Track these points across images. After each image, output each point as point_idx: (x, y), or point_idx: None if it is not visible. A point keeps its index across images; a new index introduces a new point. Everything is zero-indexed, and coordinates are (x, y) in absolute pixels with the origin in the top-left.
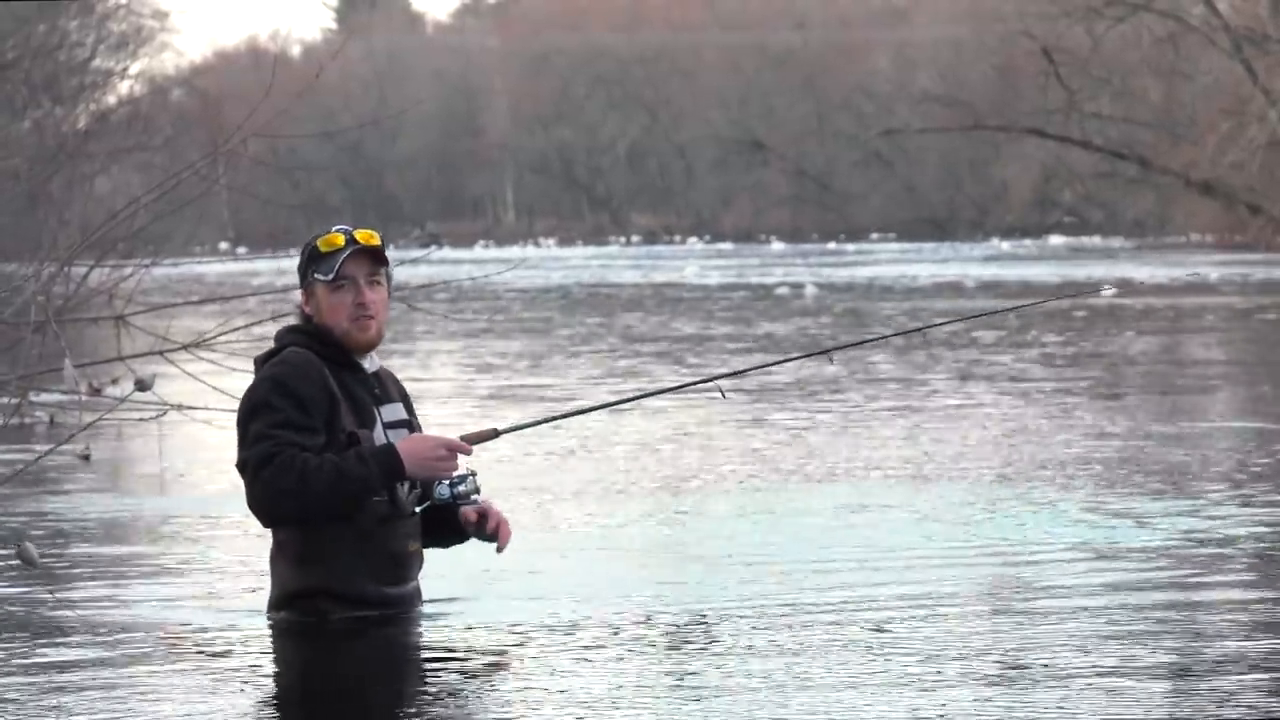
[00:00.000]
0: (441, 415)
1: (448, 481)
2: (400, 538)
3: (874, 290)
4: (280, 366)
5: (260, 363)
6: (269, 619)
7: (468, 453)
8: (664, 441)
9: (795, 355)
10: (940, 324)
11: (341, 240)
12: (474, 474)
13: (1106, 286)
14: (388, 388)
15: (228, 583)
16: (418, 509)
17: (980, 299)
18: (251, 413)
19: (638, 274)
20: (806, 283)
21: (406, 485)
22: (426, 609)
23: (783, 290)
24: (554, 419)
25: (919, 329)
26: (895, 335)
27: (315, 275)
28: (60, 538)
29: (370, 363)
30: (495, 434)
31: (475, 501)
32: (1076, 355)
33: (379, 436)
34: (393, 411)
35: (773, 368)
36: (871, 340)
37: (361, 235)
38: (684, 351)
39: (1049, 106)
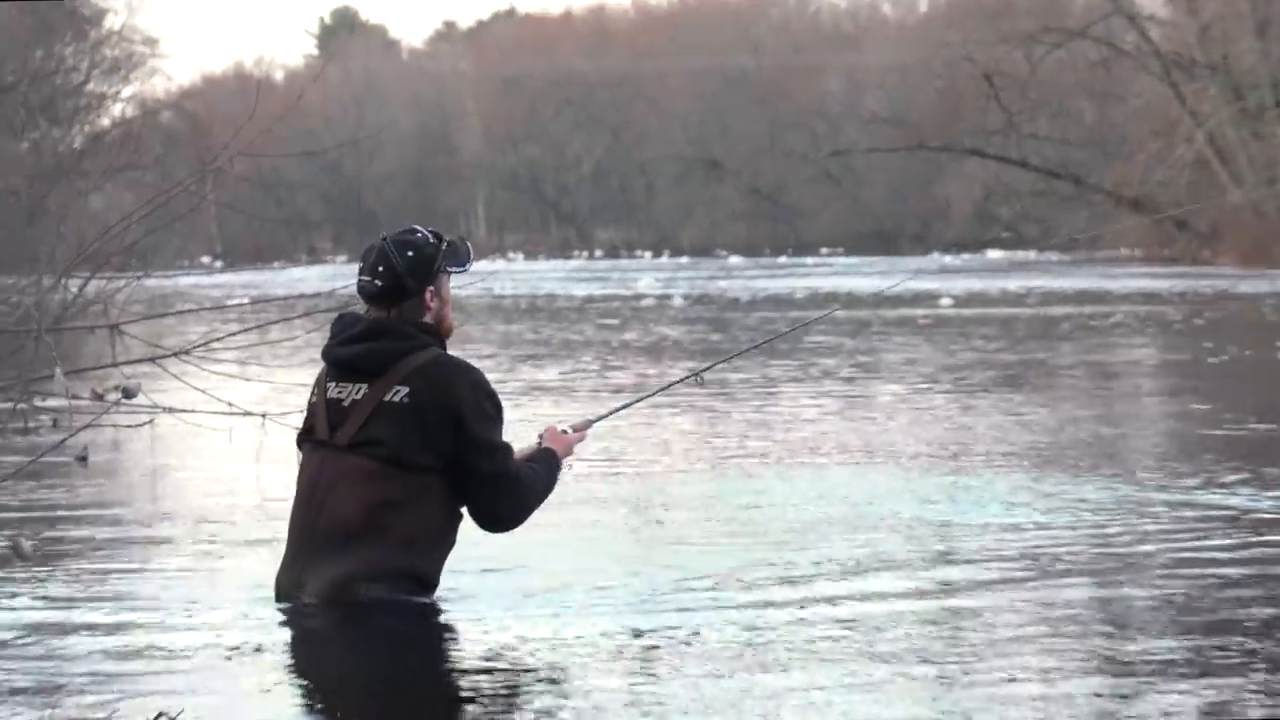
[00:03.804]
0: None
1: None
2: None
3: (739, 303)
4: (482, 374)
5: (389, 357)
6: (330, 590)
7: (584, 439)
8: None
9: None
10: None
11: (459, 241)
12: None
13: (836, 307)
14: None
15: (222, 570)
16: None
17: (846, 309)
18: (490, 420)
19: (587, 288)
20: (675, 294)
21: None
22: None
23: (649, 301)
24: (632, 404)
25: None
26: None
27: (450, 267)
28: (54, 532)
29: None
30: (591, 423)
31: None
32: (980, 359)
33: None
34: None
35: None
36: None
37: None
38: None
39: (989, 128)
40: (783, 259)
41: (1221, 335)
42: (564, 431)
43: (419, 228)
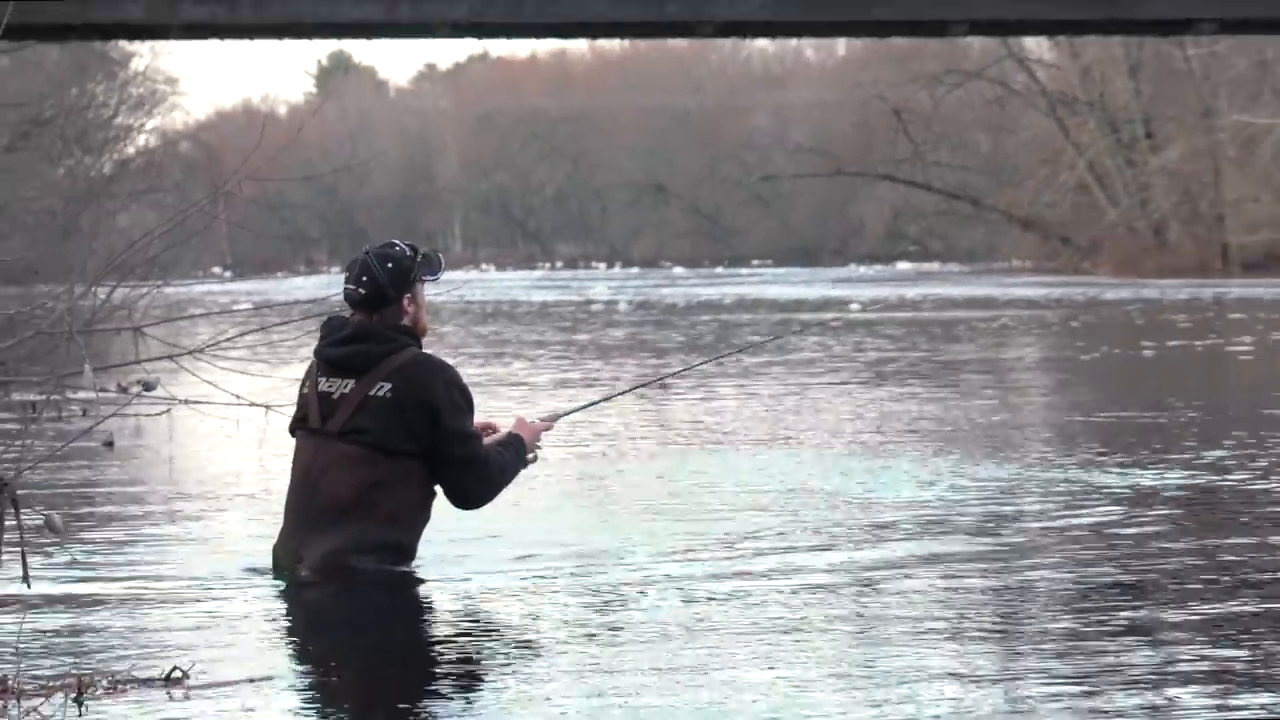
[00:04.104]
0: None
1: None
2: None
3: (675, 308)
4: (454, 369)
5: (373, 358)
6: (320, 563)
7: (550, 429)
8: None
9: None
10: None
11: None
12: (540, 446)
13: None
14: None
15: (229, 543)
16: None
17: (763, 311)
18: (461, 412)
19: (546, 295)
20: (621, 300)
21: None
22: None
23: (598, 306)
24: (597, 403)
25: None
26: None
27: (424, 276)
28: (83, 508)
29: None
30: (558, 417)
31: (533, 461)
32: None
33: None
34: None
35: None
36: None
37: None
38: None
39: (898, 156)
40: (719, 270)
41: (1094, 336)
42: (533, 422)
43: (397, 242)
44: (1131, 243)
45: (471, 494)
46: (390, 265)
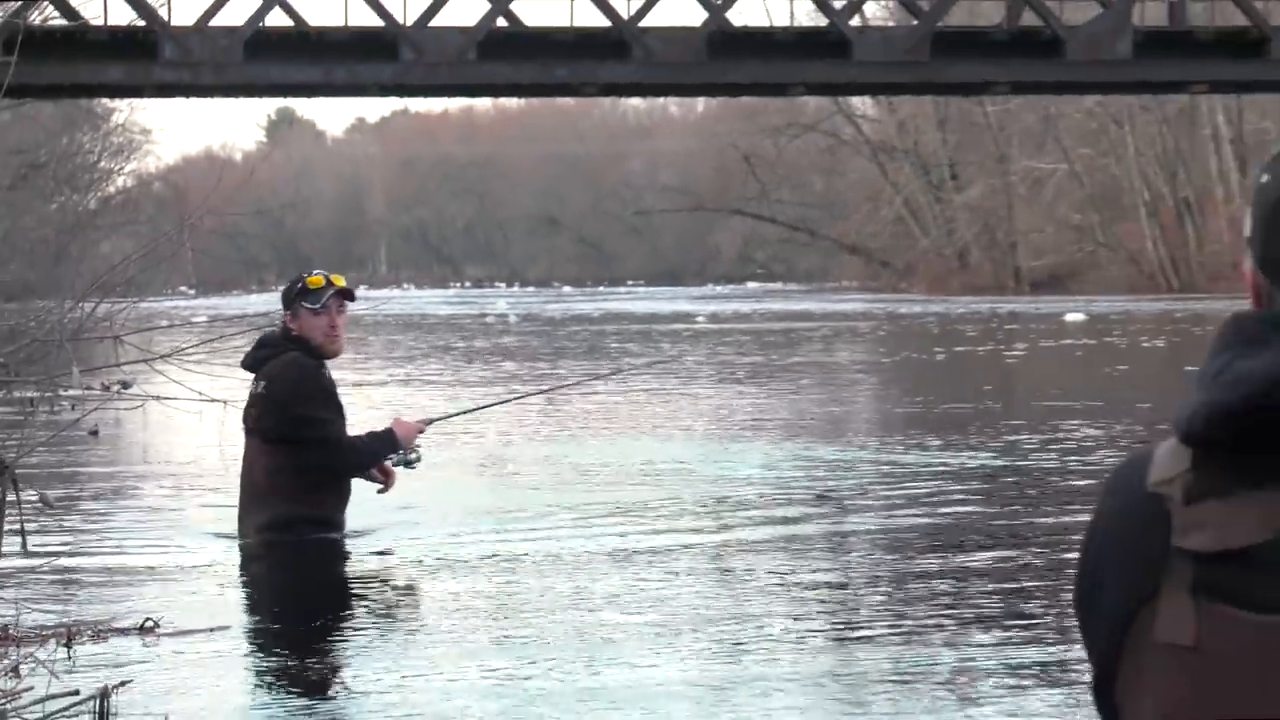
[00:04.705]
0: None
1: (404, 450)
2: (350, 482)
3: (554, 320)
4: (308, 365)
5: (261, 359)
6: (253, 536)
7: (422, 431)
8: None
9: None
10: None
11: (323, 281)
12: (420, 445)
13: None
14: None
15: (192, 515)
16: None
17: (626, 323)
18: (315, 402)
19: (454, 309)
20: (509, 312)
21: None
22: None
23: (490, 318)
24: (469, 411)
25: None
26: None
27: (304, 304)
28: (71, 487)
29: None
30: (432, 421)
31: (418, 464)
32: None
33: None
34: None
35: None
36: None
37: (336, 279)
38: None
39: (748, 194)
40: (601, 288)
41: (897, 344)
42: (410, 422)
43: (306, 273)
44: (940, 266)
45: (333, 467)
46: (285, 289)
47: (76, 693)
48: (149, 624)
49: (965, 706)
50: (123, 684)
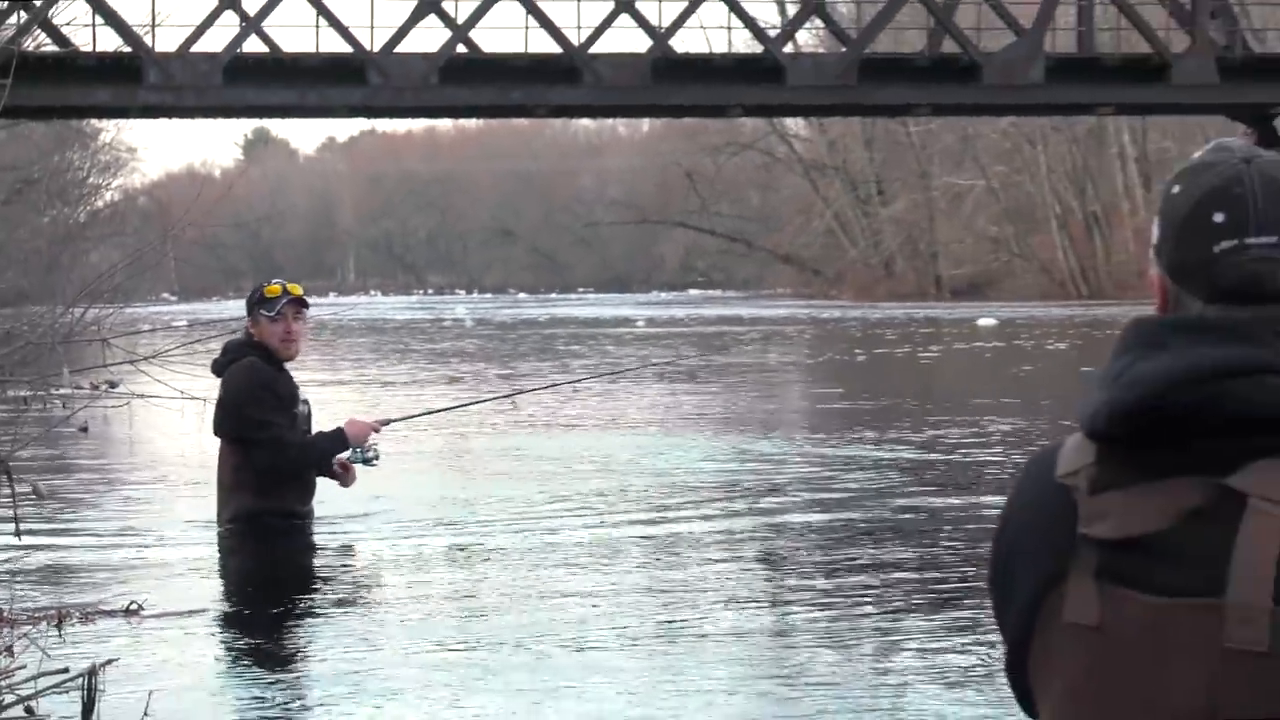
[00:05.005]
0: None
1: (361, 449)
2: (313, 475)
3: (506, 324)
4: (260, 370)
5: (223, 365)
6: (225, 528)
7: (377, 431)
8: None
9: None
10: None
11: (279, 290)
12: (377, 444)
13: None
14: (296, 383)
15: (173, 506)
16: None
17: (572, 327)
18: (263, 404)
19: (416, 314)
20: (465, 317)
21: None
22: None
23: (448, 322)
24: (427, 414)
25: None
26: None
27: (261, 311)
28: (62, 479)
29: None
30: (388, 422)
31: (376, 462)
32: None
33: (300, 410)
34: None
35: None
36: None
37: (293, 288)
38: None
39: (690, 208)
40: (553, 295)
41: (821, 346)
42: (364, 422)
43: (267, 283)
44: (867, 274)
45: (278, 465)
46: (247, 297)
47: (66, 670)
48: (133, 607)
49: (894, 685)
50: (109, 662)
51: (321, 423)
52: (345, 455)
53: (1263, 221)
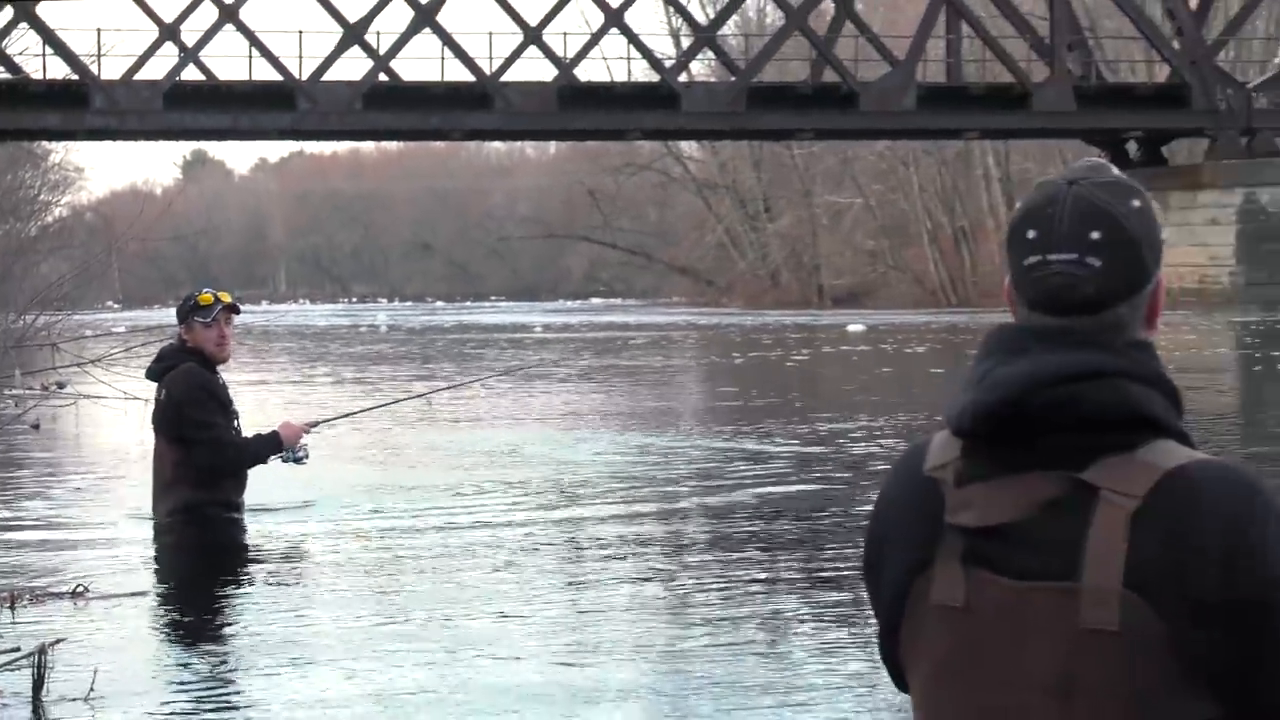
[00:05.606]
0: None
1: (292, 449)
2: (247, 472)
3: (418, 329)
4: (200, 375)
5: (160, 370)
6: (165, 519)
7: (307, 432)
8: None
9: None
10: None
11: (212, 299)
12: (307, 444)
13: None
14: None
15: (117, 497)
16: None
17: (477, 332)
18: (202, 406)
19: (340, 320)
20: (383, 323)
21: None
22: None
23: (364, 329)
24: (351, 414)
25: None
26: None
27: (196, 318)
28: (12, 472)
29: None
30: (317, 424)
31: (306, 460)
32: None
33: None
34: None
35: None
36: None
37: (224, 296)
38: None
39: (593, 224)
40: (468, 303)
41: (702, 350)
42: (296, 424)
43: (198, 291)
44: (755, 284)
45: (215, 465)
46: (178, 306)
47: (18, 649)
48: (80, 589)
49: (780, 661)
50: (58, 641)
51: (250, 423)
52: (290, 455)
53: (1064, 239)
